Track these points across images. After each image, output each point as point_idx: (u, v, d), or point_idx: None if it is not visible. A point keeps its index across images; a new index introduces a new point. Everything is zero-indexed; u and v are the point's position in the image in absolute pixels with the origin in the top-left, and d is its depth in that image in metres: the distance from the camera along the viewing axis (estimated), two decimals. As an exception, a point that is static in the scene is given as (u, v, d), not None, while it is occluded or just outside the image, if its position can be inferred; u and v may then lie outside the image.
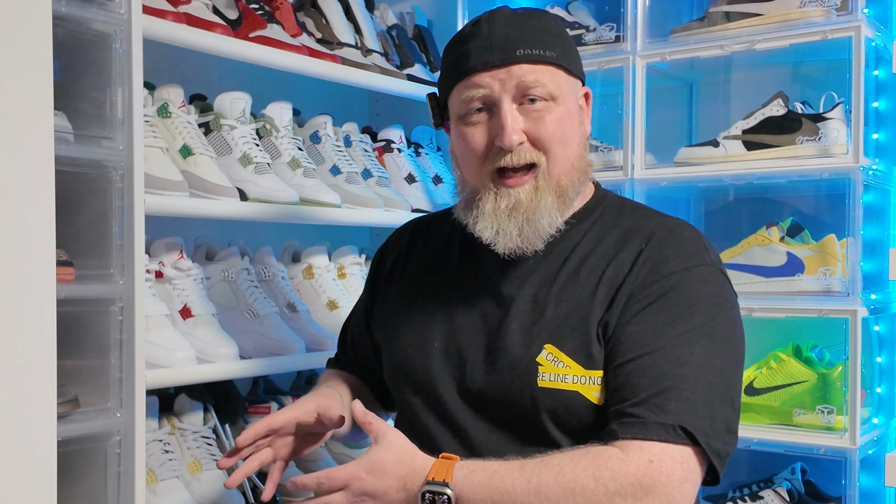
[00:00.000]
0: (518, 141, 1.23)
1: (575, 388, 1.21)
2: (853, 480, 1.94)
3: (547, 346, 1.23)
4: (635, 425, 1.13)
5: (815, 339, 2.16)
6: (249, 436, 1.35)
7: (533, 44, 1.24)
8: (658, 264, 1.23)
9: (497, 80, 1.24)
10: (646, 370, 1.16)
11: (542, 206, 1.25)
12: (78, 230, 1.62)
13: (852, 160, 1.96)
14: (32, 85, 1.26)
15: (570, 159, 1.27)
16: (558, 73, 1.26)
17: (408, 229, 1.52)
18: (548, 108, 1.25)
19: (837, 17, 1.98)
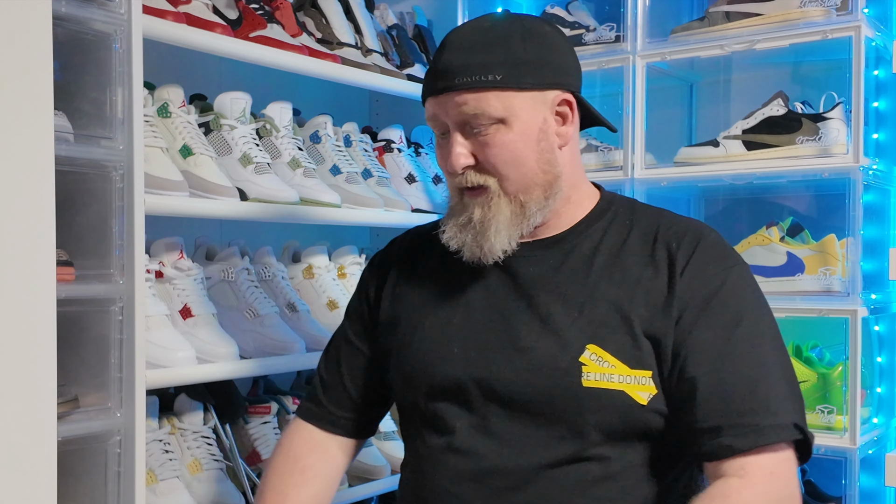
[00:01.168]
0: (464, 164, 1.26)
1: (621, 387, 1.20)
2: (853, 480, 1.95)
3: (590, 347, 1.22)
4: (750, 434, 1.15)
5: (816, 339, 2.16)
6: None
7: (474, 70, 1.22)
8: (702, 269, 1.24)
9: (442, 107, 1.26)
10: (729, 377, 1.18)
11: (494, 222, 1.26)
12: (78, 230, 1.62)
13: (852, 160, 1.96)
14: (32, 85, 1.26)
15: (526, 177, 1.26)
16: (505, 95, 1.23)
17: (408, 238, 1.50)
18: (496, 131, 1.24)
19: (837, 17, 1.98)
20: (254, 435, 2.00)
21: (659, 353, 1.22)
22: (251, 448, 1.99)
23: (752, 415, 1.16)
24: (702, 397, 1.18)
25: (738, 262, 1.27)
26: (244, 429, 2.00)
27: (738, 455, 1.16)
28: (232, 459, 1.90)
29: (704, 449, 1.18)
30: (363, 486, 2.05)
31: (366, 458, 2.09)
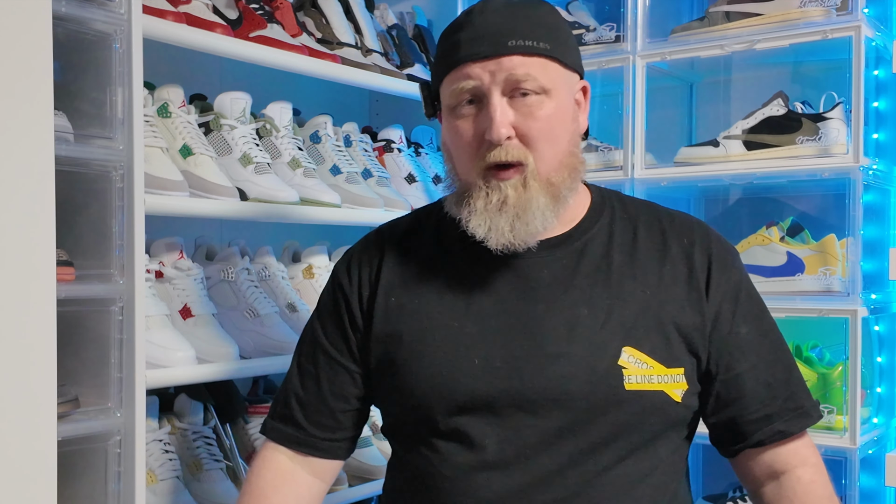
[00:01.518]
0: (507, 135, 1.18)
1: (660, 387, 1.20)
2: (853, 480, 1.94)
3: (626, 349, 1.20)
4: (797, 417, 1.26)
5: (816, 338, 2.16)
6: None
7: (525, 35, 1.19)
8: (723, 264, 1.27)
9: (487, 72, 1.18)
10: (769, 367, 1.26)
11: (534, 205, 1.20)
12: (78, 230, 1.62)
13: (852, 160, 1.96)
14: (32, 85, 1.26)
15: (558, 156, 1.22)
16: (551, 66, 1.20)
17: (384, 237, 1.38)
18: (539, 102, 1.19)
19: (837, 17, 1.98)
20: (254, 435, 2.00)
21: (693, 350, 1.23)
22: (251, 448, 1.99)
23: (795, 398, 1.26)
24: (751, 389, 1.24)
25: (737, 252, 1.33)
26: (244, 429, 2.00)
27: (790, 439, 1.26)
28: (232, 459, 1.90)
29: (756, 438, 1.25)
30: (363, 486, 2.05)
31: (366, 458, 2.09)
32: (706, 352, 1.24)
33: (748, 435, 1.26)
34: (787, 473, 1.26)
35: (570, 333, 1.20)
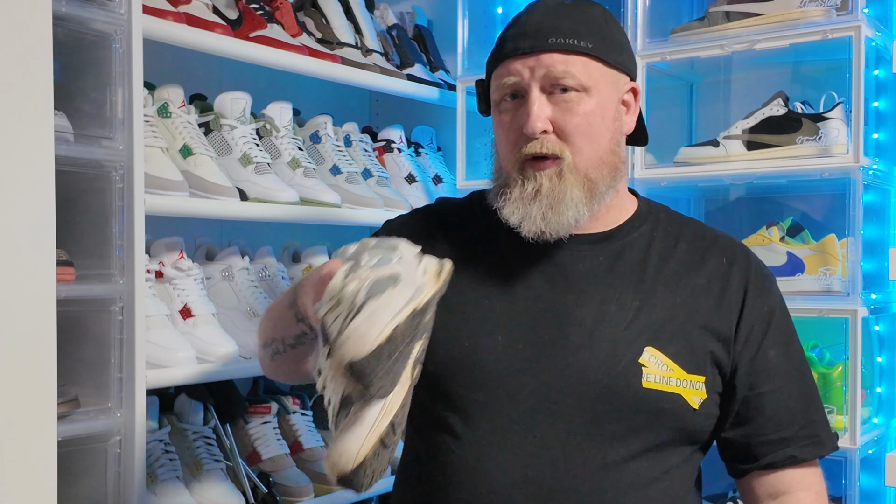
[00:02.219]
0: (542, 128, 1.22)
1: (678, 391, 1.22)
2: (853, 480, 1.94)
3: (648, 349, 1.22)
4: (811, 445, 1.29)
5: (816, 338, 2.15)
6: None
7: (566, 33, 1.23)
8: (761, 288, 1.31)
9: (527, 68, 1.23)
10: (792, 392, 1.29)
11: (568, 197, 1.23)
12: (78, 230, 1.62)
13: (852, 160, 1.95)
14: (32, 85, 1.26)
15: (597, 153, 1.25)
16: (592, 65, 1.24)
17: (435, 211, 1.42)
18: (578, 98, 1.23)
19: (837, 17, 1.98)
20: (254, 435, 2.00)
21: (717, 361, 1.26)
22: (251, 448, 1.99)
23: (812, 426, 1.30)
24: (771, 411, 1.28)
25: (775, 278, 1.36)
26: (244, 429, 2.00)
27: (799, 465, 1.29)
28: (232, 459, 1.90)
29: (768, 460, 1.28)
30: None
31: (366, 458, 2.09)
32: (730, 367, 1.27)
33: (760, 456, 1.29)
34: (787, 495, 1.29)
35: (595, 327, 1.23)
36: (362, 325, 1.01)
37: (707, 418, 1.26)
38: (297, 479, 1.95)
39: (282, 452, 2.00)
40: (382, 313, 1.01)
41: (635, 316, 1.24)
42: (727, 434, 1.29)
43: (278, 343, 1.27)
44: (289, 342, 1.25)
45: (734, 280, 1.29)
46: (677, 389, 1.22)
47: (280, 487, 1.92)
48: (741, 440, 1.29)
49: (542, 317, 1.25)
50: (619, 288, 1.26)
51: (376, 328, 1.01)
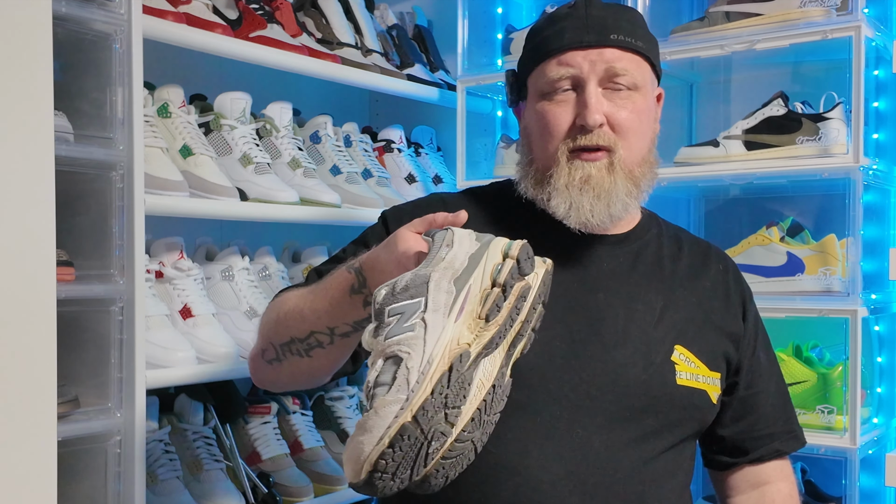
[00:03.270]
0: (600, 121, 1.23)
1: (704, 387, 1.28)
2: (853, 480, 1.94)
3: (677, 347, 1.27)
4: (792, 439, 1.40)
5: (816, 339, 2.15)
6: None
7: (627, 31, 1.26)
8: (750, 296, 1.40)
9: (588, 61, 1.25)
10: (776, 391, 1.39)
11: (617, 188, 1.25)
12: (78, 230, 1.62)
13: (852, 160, 1.95)
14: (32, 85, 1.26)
15: (643, 151, 1.29)
16: (644, 66, 1.28)
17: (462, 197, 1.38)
18: (630, 96, 1.26)
19: (837, 17, 1.98)
20: (254, 435, 2.00)
21: (728, 358, 1.33)
22: (251, 448, 1.99)
23: (791, 422, 1.41)
24: (762, 409, 1.37)
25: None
26: (244, 429, 2.00)
27: (780, 458, 1.39)
28: (232, 459, 1.90)
29: (758, 454, 1.37)
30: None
31: (366, 458, 2.09)
32: (735, 364, 1.34)
33: (751, 450, 1.37)
34: (769, 485, 1.38)
35: (626, 325, 1.26)
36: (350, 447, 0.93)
37: (716, 412, 1.33)
38: (297, 479, 1.95)
39: (282, 452, 2.00)
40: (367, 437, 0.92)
41: (661, 315, 1.28)
42: (724, 430, 1.36)
43: (322, 335, 1.21)
44: (341, 331, 1.19)
45: (732, 286, 1.38)
46: (703, 386, 1.28)
47: (280, 487, 1.92)
48: (736, 436, 1.37)
49: (573, 314, 1.26)
50: (643, 287, 1.30)
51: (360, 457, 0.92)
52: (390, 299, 1.00)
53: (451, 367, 0.94)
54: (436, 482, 0.97)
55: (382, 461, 0.92)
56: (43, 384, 1.27)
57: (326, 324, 1.19)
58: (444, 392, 0.93)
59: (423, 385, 0.92)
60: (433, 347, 0.95)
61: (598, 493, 1.20)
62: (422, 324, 0.97)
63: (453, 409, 0.94)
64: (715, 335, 1.31)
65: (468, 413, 0.96)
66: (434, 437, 0.94)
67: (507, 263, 1.01)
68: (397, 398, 0.92)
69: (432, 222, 1.12)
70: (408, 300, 0.99)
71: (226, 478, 1.85)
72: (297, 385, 1.34)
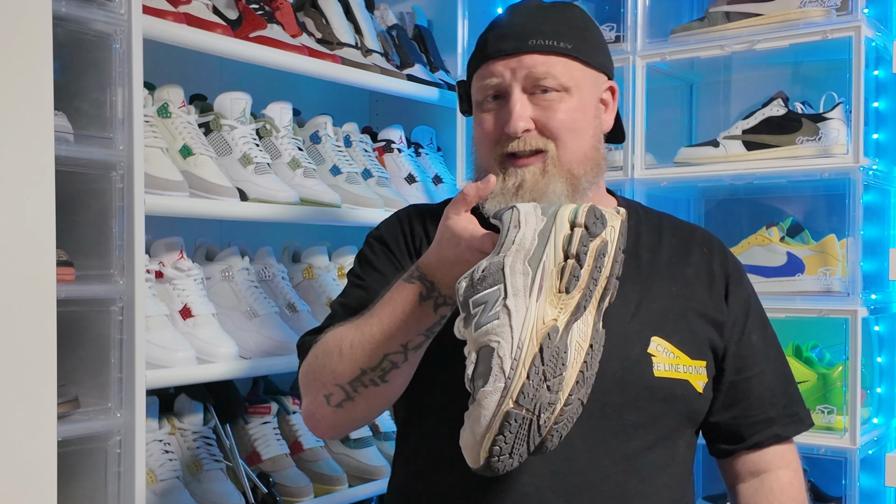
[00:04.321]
0: (524, 128, 1.24)
1: (685, 377, 1.26)
2: (853, 480, 1.94)
3: (654, 339, 1.26)
4: (792, 423, 1.35)
5: (816, 339, 2.15)
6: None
7: (547, 35, 1.25)
8: (738, 277, 1.36)
9: (508, 69, 1.25)
10: (772, 373, 1.34)
11: (550, 190, 1.24)
12: (78, 230, 1.62)
13: (852, 160, 1.95)
14: (32, 85, 1.26)
15: (582, 149, 1.28)
16: (573, 65, 1.26)
17: (410, 214, 1.41)
18: (559, 98, 1.25)
19: (837, 17, 1.98)
20: (254, 435, 2.00)
21: (714, 346, 1.31)
22: (251, 448, 1.99)
23: (792, 405, 1.35)
24: (757, 394, 1.33)
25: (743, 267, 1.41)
26: (244, 429, 2.00)
27: (781, 443, 1.34)
28: (232, 459, 1.90)
29: (755, 440, 1.33)
30: (363, 486, 2.05)
31: (366, 458, 2.09)
32: (721, 350, 1.31)
33: (747, 436, 1.33)
34: (768, 473, 1.34)
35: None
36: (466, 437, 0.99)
37: (707, 400, 1.31)
38: (297, 479, 1.95)
39: (282, 452, 2.00)
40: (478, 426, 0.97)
41: (637, 307, 1.27)
42: (716, 417, 1.34)
43: (396, 355, 1.18)
44: (415, 343, 1.18)
45: (716, 270, 1.35)
46: (685, 375, 1.26)
47: (280, 487, 1.92)
48: (729, 422, 1.34)
49: None
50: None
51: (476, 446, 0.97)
52: (471, 291, 1.03)
53: (541, 347, 0.98)
54: (551, 444, 1.02)
55: (496, 447, 0.97)
56: (43, 384, 1.27)
57: (400, 341, 1.17)
58: (539, 371, 0.97)
59: (518, 370, 0.97)
60: (520, 332, 0.98)
61: (584, 492, 1.20)
62: (505, 310, 0.99)
63: (555, 379, 0.99)
64: (697, 323, 1.29)
65: (572, 378, 1.01)
66: (542, 410, 0.98)
67: (577, 232, 1.02)
68: (496, 387, 0.96)
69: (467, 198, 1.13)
70: (488, 289, 1.02)
71: (226, 478, 1.86)
72: (371, 418, 1.31)
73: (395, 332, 1.17)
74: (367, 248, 1.39)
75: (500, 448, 0.97)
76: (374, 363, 1.18)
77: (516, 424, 0.97)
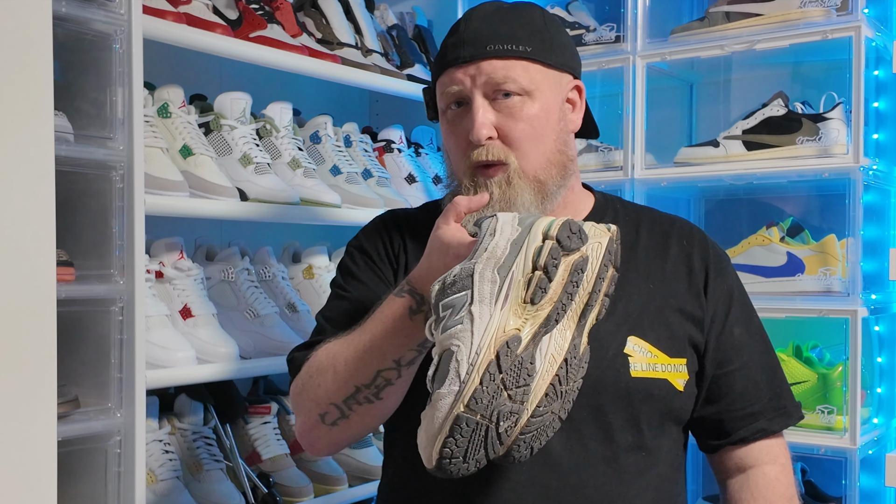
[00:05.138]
0: (487, 135, 1.23)
1: (664, 376, 1.25)
2: (853, 480, 1.94)
3: (631, 338, 1.24)
4: (779, 417, 1.32)
5: (816, 339, 2.15)
6: None
7: (504, 39, 1.24)
8: (720, 269, 1.33)
9: (468, 77, 1.24)
10: (756, 367, 1.32)
11: (519, 202, 1.23)
12: (78, 230, 1.62)
13: (852, 160, 1.96)
14: (32, 85, 1.26)
15: (544, 155, 1.26)
16: (533, 68, 1.25)
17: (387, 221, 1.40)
18: (521, 103, 1.24)
19: (837, 17, 1.98)
20: (254, 435, 2.00)
21: (694, 342, 1.29)
22: (251, 448, 1.99)
23: (778, 398, 1.33)
24: (740, 388, 1.31)
25: (729, 258, 1.39)
26: (244, 429, 2.00)
27: (768, 437, 1.32)
28: (232, 459, 1.90)
29: (740, 435, 1.31)
30: (363, 486, 2.06)
31: (365, 458, 2.09)
32: (703, 346, 1.30)
33: (732, 431, 1.32)
34: (754, 468, 1.32)
35: None
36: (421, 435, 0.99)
37: (690, 398, 1.29)
38: (297, 480, 1.95)
39: (282, 452, 2.00)
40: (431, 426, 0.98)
41: (613, 308, 1.23)
42: (700, 413, 1.32)
43: (389, 372, 1.18)
44: (408, 359, 1.17)
45: (696, 262, 1.32)
46: (663, 375, 1.25)
47: (280, 487, 1.92)
48: (713, 417, 1.32)
49: None
50: None
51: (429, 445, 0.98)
52: (441, 294, 1.04)
53: (497, 354, 0.98)
54: (519, 454, 1.02)
55: (447, 449, 0.97)
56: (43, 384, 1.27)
57: (392, 357, 1.17)
58: (496, 378, 0.97)
59: (472, 375, 0.97)
60: (480, 338, 0.99)
61: (563, 496, 1.20)
62: (469, 316, 1.01)
63: (518, 388, 0.99)
64: (676, 320, 1.28)
65: (541, 390, 1.01)
66: (502, 419, 0.98)
67: (547, 245, 1.02)
68: (451, 390, 0.97)
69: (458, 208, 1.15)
70: (457, 293, 1.03)
71: (226, 478, 1.86)
72: (368, 432, 1.32)
73: (387, 348, 1.17)
74: (348, 258, 1.39)
75: (451, 451, 0.97)
76: (368, 380, 1.18)
77: (468, 429, 0.97)
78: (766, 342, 1.36)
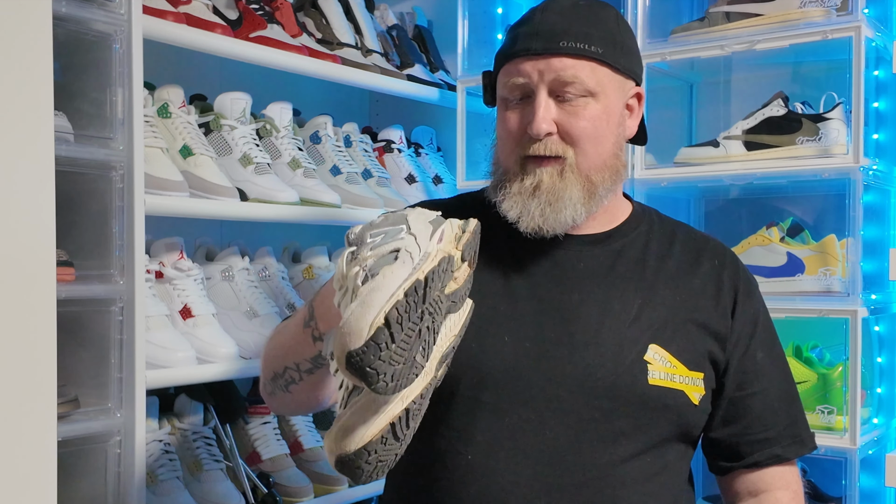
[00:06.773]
0: (546, 131, 1.23)
1: (681, 387, 1.24)
2: (853, 481, 1.94)
3: (652, 346, 1.24)
4: (794, 444, 1.32)
5: (816, 339, 2.15)
6: None
7: (577, 37, 1.23)
8: (748, 292, 1.34)
9: (536, 70, 1.23)
10: (776, 393, 1.32)
11: (567, 195, 1.23)
12: (78, 230, 1.62)
13: (852, 160, 1.95)
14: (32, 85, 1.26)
15: (601, 156, 1.26)
16: (601, 70, 1.24)
17: (452, 206, 1.37)
18: (584, 103, 1.23)
19: (837, 18, 1.98)
20: (254, 435, 2.00)
21: (714, 359, 1.29)
22: (251, 448, 1.99)
23: (794, 426, 1.33)
24: (757, 411, 1.31)
25: (757, 284, 1.39)
26: (244, 429, 2.00)
27: (781, 464, 1.32)
28: (232, 459, 1.90)
29: (753, 459, 1.31)
30: (363, 486, 2.05)
31: (366, 459, 2.09)
32: (723, 365, 1.29)
33: (745, 455, 1.32)
34: (766, 493, 1.32)
35: (600, 324, 1.24)
36: (357, 310, 0.93)
37: (703, 414, 1.29)
38: (297, 480, 1.95)
39: (282, 453, 2.00)
40: (377, 295, 0.93)
41: (638, 313, 1.26)
42: (715, 434, 1.32)
43: (292, 371, 1.23)
44: (305, 368, 1.21)
45: (725, 282, 1.32)
46: (680, 386, 1.24)
47: (280, 488, 1.92)
48: (728, 439, 1.32)
49: (546, 316, 1.26)
50: (621, 286, 1.28)
51: (370, 312, 0.92)
52: (369, 228, 1.04)
53: (440, 260, 0.99)
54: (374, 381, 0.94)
55: (395, 311, 0.93)
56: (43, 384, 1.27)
57: (293, 359, 1.22)
58: (443, 277, 0.99)
59: (429, 260, 0.98)
60: (427, 245, 1.00)
61: (566, 494, 1.20)
62: (410, 235, 1.01)
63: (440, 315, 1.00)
64: (698, 334, 1.27)
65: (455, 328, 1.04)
66: (434, 312, 0.98)
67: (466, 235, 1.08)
68: (405, 268, 0.96)
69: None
70: (389, 226, 1.03)
71: (226, 478, 1.86)
72: (301, 413, 1.36)
73: (288, 350, 1.22)
74: None
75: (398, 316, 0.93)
76: (280, 371, 1.24)
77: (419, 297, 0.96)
78: (786, 370, 1.36)
